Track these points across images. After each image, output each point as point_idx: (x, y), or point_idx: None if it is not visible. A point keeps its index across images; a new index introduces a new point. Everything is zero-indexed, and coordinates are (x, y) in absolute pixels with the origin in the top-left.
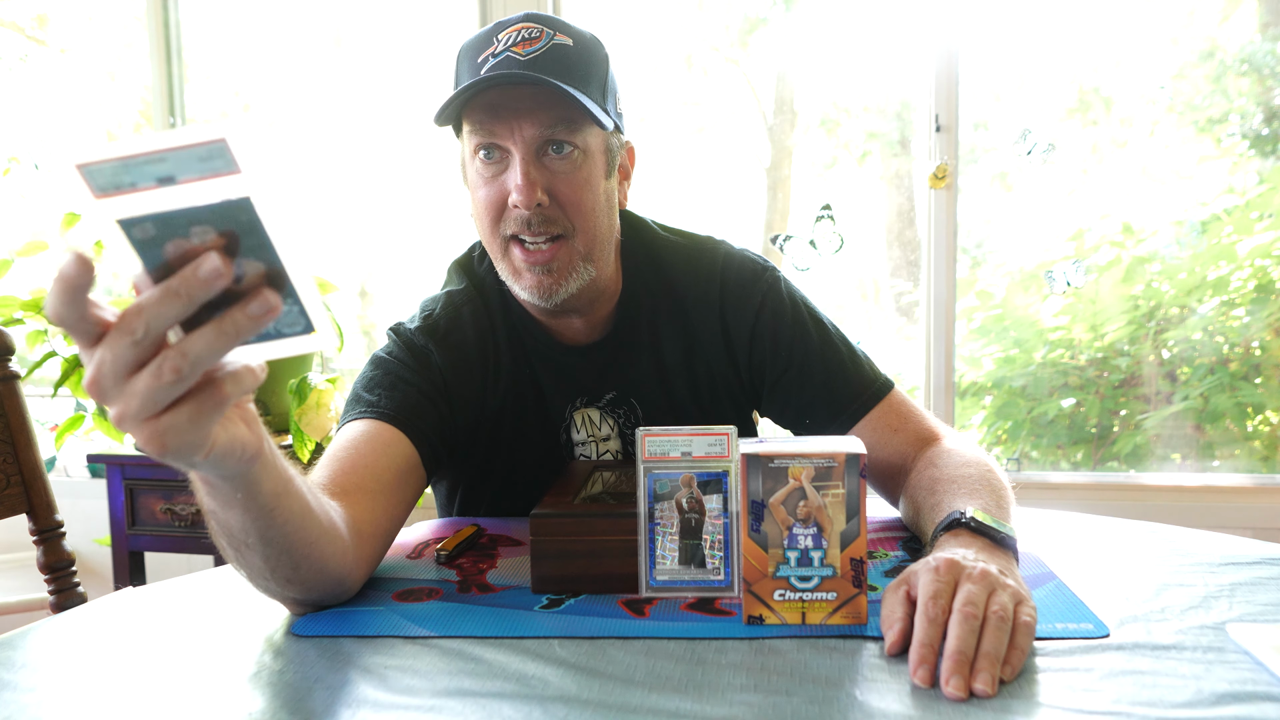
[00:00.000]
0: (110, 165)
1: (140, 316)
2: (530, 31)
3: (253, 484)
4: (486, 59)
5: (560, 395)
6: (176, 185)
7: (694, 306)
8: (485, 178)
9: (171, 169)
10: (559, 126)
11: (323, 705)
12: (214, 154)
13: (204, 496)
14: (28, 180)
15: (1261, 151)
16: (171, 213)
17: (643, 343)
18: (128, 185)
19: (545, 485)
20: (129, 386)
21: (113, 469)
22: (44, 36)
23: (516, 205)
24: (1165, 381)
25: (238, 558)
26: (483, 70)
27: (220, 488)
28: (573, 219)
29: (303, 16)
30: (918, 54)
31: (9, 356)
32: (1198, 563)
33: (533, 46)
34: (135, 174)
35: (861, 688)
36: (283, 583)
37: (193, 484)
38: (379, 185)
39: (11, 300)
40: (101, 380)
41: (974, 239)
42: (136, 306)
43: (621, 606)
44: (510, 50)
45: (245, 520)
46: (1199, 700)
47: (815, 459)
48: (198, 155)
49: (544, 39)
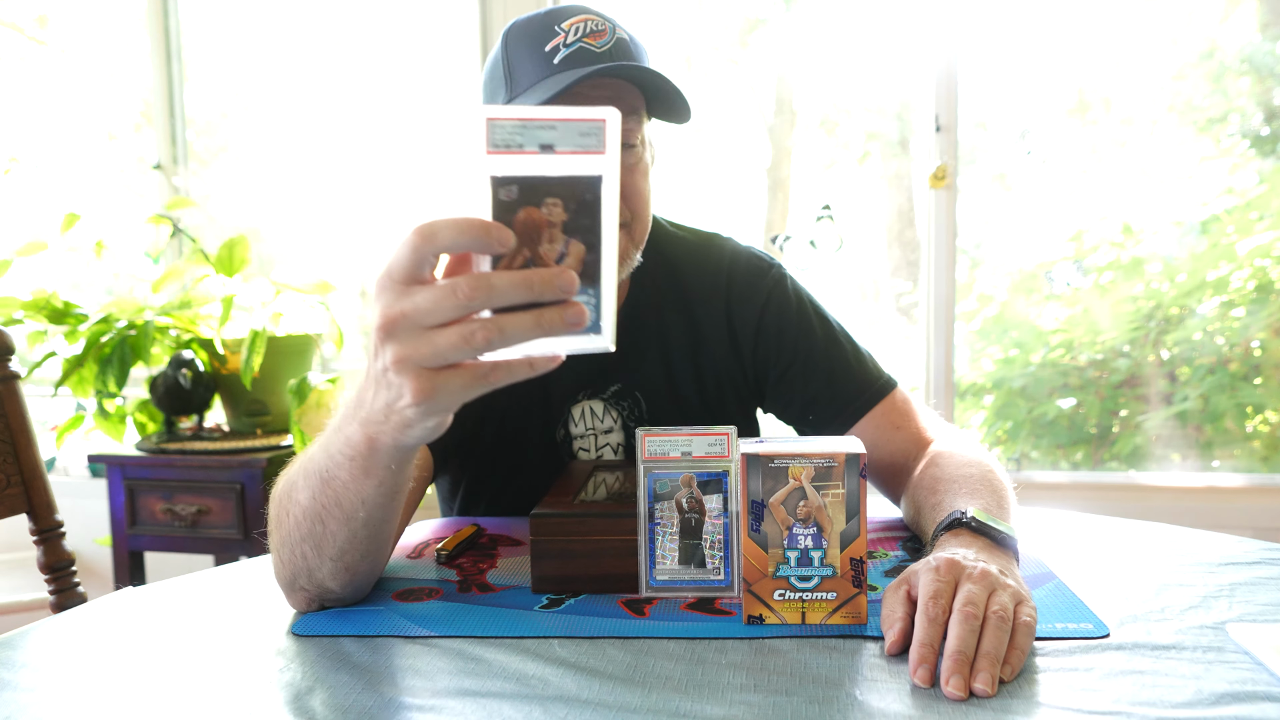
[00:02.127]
0: (512, 124)
1: (484, 289)
2: (596, 24)
3: (406, 461)
4: (556, 48)
5: (565, 387)
6: (553, 155)
7: (700, 301)
8: None
9: (555, 138)
10: (631, 118)
11: (323, 705)
12: (591, 131)
13: (345, 460)
14: (28, 180)
15: (1261, 151)
16: (538, 178)
17: (649, 336)
18: (516, 146)
19: (545, 481)
20: (432, 335)
21: (113, 469)
22: (44, 36)
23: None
24: (1165, 382)
25: (314, 533)
26: (556, 60)
27: (381, 456)
28: (633, 207)
29: (302, 16)
30: (917, 54)
31: (9, 356)
32: (1198, 563)
33: (604, 39)
34: (526, 137)
35: (861, 688)
36: (341, 568)
37: (339, 444)
38: (379, 185)
39: (11, 300)
40: (406, 319)
41: (974, 239)
42: (485, 279)
43: (621, 606)
44: (583, 42)
45: (375, 494)
46: (1199, 700)
47: (815, 459)
48: (579, 130)
49: (609, 33)
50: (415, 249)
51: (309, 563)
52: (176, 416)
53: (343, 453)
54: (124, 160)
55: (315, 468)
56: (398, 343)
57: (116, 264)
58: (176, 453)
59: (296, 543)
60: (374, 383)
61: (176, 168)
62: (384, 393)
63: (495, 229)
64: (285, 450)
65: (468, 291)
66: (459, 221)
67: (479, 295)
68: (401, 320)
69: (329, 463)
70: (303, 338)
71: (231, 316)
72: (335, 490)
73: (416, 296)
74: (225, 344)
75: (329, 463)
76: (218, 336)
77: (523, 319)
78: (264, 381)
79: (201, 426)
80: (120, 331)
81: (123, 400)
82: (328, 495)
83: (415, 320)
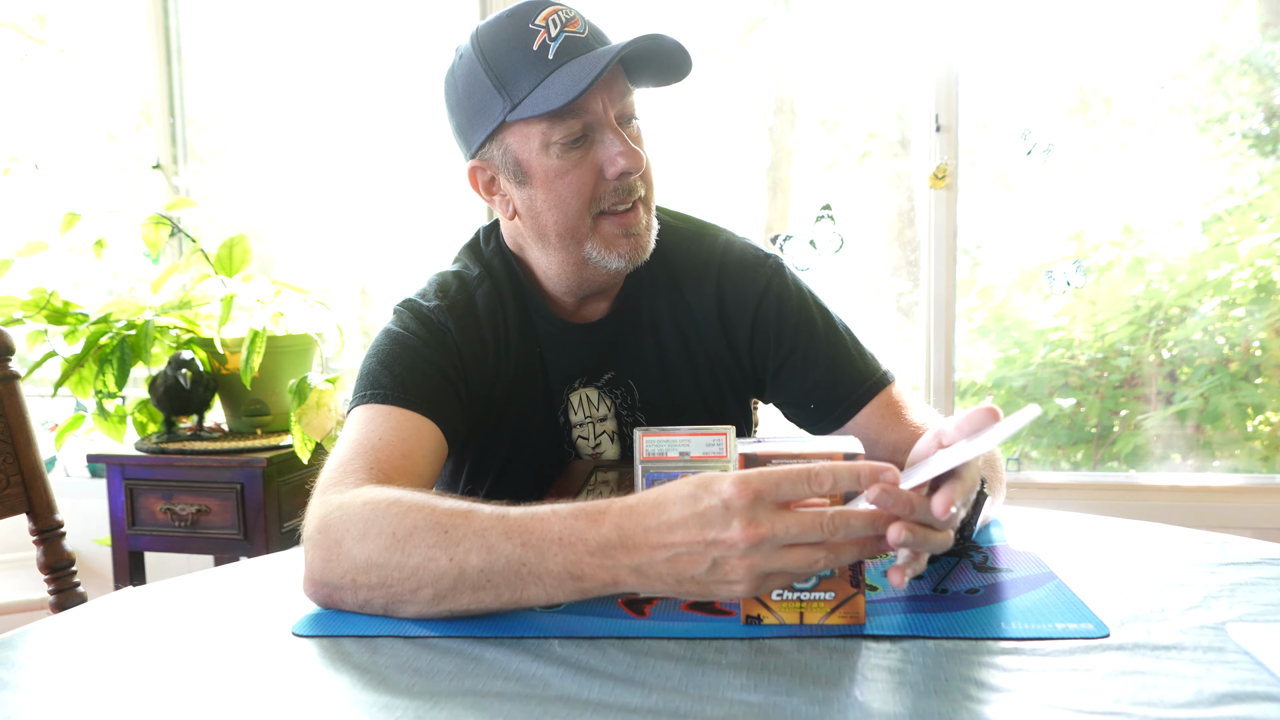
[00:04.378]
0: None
1: (843, 525)
2: (566, 13)
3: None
4: (544, 43)
5: (562, 374)
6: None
7: (690, 289)
8: (572, 162)
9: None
10: (629, 96)
11: (323, 705)
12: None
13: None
14: (28, 180)
15: (1261, 151)
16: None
17: (642, 324)
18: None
19: (546, 470)
20: (784, 553)
21: (113, 469)
22: (44, 36)
23: (627, 171)
24: (1165, 382)
25: (447, 588)
26: (550, 55)
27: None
28: (647, 180)
29: (302, 16)
30: (918, 54)
31: (9, 356)
32: (1198, 563)
33: (579, 26)
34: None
35: (861, 688)
36: (419, 613)
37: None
38: (379, 185)
39: (11, 300)
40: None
41: (974, 239)
42: (845, 517)
43: (621, 606)
44: (566, 31)
45: (520, 602)
46: (1199, 700)
47: (813, 459)
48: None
49: (580, 19)
50: (804, 482)
51: (401, 604)
52: (176, 416)
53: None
54: (124, 160)
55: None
56: (759, 554)
57: (116, 264)
58: (176, 453)
59: (404, 585)
60: (705, 560)
61: (176, 168)
62: (715, 571)
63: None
64: (285, 450)
65: (830, 527)
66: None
67: (839, 530)
68: (770, 538)
69: (524, 564)
70: (303, 338)
71: (231, 316)
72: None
73: (788, 519)
74: (225, 344)
75: (524, 564)
76: (218, 336)
77: (853, 549)
78: (264, 381)
79: (201, 426)
80: (120, 331)
81: (123, 400)
82: (505, 584)
83: (780, 539)
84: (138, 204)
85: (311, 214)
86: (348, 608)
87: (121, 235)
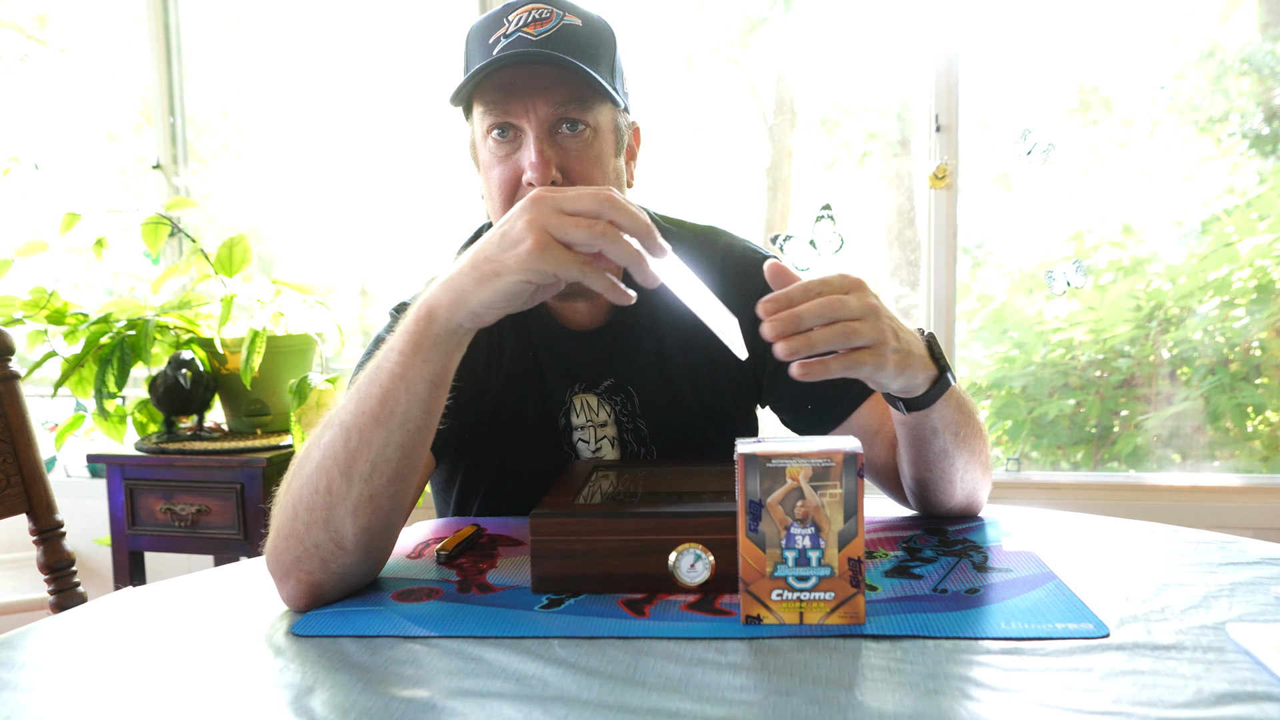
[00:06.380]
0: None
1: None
2: (540, 12)
3: (454, 347)
4: (498, 39)
5: (560, 379)
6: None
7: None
8: (499, 157)
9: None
10: (571, 105)
11: (323, 705)
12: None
13: (395, 349)
14: (28, 180)
15: (1262, 151)
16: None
17: (642, 330)
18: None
19: (545, 474)
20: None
21: (113, 469)
22: (44, 36)
23: (531, 183)
24: (1165, 382)
25: (345, 454)
26: (494, 51)
27: (437, 325)
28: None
29: (302, 16)
30: (918, 54)
31: (9, 356)
32: (1198, 563)
33: (544, 27)
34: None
35: (861, 688)
36: (365, 498)
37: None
38: (379, 184)
39: (11, 300)
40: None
41: (974, 239)
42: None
43: (621, 607)
44: (521, 30)
45: (420, 377)
46: (1199, 700)
47: (813, 459)
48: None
49: (554, 19)
50: (594, 199)
51: (331, 500)
52: (176, 416)
53: (392, 346)
54: (124, 160)
55: (356, 385)
56: (538, 210)
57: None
58: (176, 453)
59: (318, 484)
60: (497, 236)
61: (176, 167)
62: (504, 240)
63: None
64: (285, 450)
65: (608, 200)
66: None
67: (613, 207)
68: (549, 199)
69: (375, 366)
70: (303, 338)
71: (231, 316)
72: (380, 385)
73: (569, 191)
74: (225, 344)
75: (375, 366)
76: (218, 336)
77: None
78: (264, 381)
79: (201, 426)
80: (120, 331)
81: (123, 400)
82: (371, 395)
83: (558, 203)
84: (138, 204)
85: (312, 214)
86: (311, 588)
87: (121, 235)
